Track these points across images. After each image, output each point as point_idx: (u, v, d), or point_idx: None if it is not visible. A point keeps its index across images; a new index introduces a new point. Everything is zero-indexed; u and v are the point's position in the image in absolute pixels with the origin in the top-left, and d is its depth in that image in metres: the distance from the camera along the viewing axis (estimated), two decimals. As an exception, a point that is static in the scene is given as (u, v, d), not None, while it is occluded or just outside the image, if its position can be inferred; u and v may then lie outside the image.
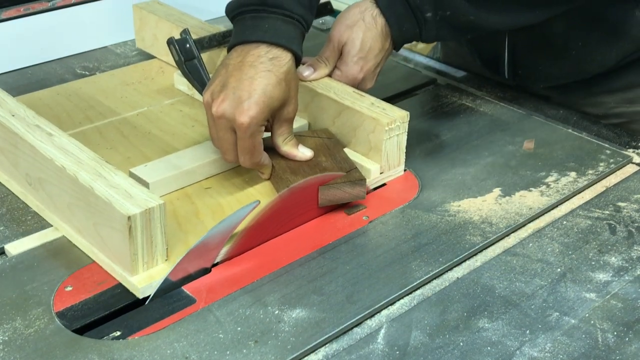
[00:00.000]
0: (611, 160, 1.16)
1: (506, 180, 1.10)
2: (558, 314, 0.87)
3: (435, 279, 0.93)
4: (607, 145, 1.20)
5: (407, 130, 1.09)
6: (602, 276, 0.93)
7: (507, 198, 1.07)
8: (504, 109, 1.30)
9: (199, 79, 1.19)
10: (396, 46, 1.17)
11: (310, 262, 0.94)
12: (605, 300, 0.90)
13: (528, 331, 0.85)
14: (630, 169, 1.15)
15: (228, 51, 1.08)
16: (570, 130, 1.24)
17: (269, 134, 1.06)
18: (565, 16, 1.20)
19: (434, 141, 1.20)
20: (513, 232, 1.01)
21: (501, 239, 1.00)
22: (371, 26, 1.13)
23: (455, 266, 0.95)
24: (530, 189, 1.09)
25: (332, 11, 1.44)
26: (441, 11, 1.13)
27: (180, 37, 1.19)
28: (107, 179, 0.90)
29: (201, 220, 0.99)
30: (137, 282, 0.88)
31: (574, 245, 0.99)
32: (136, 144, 1.16)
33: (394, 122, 1.06)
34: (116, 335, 0.83)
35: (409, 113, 1.08)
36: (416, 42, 1.21)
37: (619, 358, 0.82)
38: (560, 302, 0.89)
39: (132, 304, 0.87)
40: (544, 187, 1.09)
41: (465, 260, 0.96)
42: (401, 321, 0.86)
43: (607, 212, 1.05)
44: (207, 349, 0.81)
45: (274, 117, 1.04)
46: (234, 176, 1.08)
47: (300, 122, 1.15)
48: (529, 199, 1.06)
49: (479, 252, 0.97)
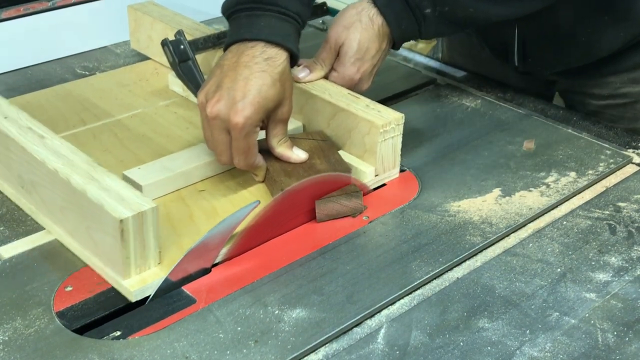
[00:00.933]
0: (611, 160, 1.16)
1: (506, 180, 1.10)
2: (558, 314, 0.87)
3: (435, 279, 0.93)
4: (607, 145, 1.20)
5: (402, 133, 1.08)
6: (602, 276, 0.94)
7: (507, 198, 1.07)
8: (504, 109, 1.30)
9: (193, 81, 1.19)
10: (395, 45, 1.17)
11: (310, 262, 0.94)
12: (605, 300, 0.90)
13: (528, 331, 0.85)
14: (630, 169, 1.15)
15: (224, 51, 1.07)
16: (570, 130, 1.24)
17: (264, 136, 1.06)
18: (573, 3, 1.20)
19: (434, 141, 1.20)
20: (513, 232, 1.01)
21: (501, 239, 1.00)
22: (368, 27, 1.13)
23: (455, 266, 0.95)
24: (530, 189, 1.09)
25: (327, 12, 1.43)
26: (440, 7, 1.12)
27: (174, 38, 1.19)
28: (100, 182, 0.90)
29: (195, 223, 0.99)
30: (130, 285, 0.87)
31: (574, 246, 0.99)
32: (130, 146, 1.15)
33: (389, 124, 1.06)
34: (116, 335, 0.83)
35: (404, 115, 1.07)
36: (416, 42, 1.22)
37: (619, 358, 0.82)
38: (560, 302, 0.89)
39: (132, 304, 0.87)
40: (544, 187, 1.09)
41: (465, 261, 0.96)
42: (401, 321, 0.86)
43: (607, 212, 1.05)
44: (207, 349, 0.81)
45: (269, 117, 1.04)
46: (228, 179, 1.08)
47: (294, 124, 1.15)
48: (529, 199, 1.06)
49: (479, 252, 0.97)
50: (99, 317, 0.86)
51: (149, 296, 0.88)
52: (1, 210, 1.02)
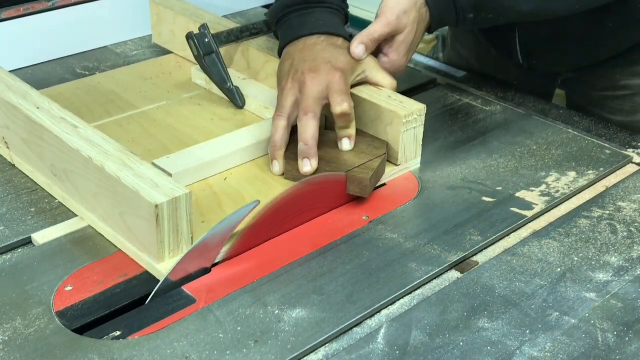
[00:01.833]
0: (611, 160, 1.16)
1: (506, 180, 1.10)
2: (558, 313, 0.87)
3: (435, 279, 0.93)
4: (607, 145, 1.20)
5: (423, 123, 1.10)
6: (602, 276, 0.93)
7: (508, 198, 1.07)
8: (504, 109, 1.30)
9: (217, 73, 1.23)
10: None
11: (310, 262, 0.94)
12: (606, 300, 0.90)
13: (528, 331, 0.85)
14: (630, 169, 1.15)
15: (279, 54, 1.13)
16: (570, 130, 1.24)
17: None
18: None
19: (434, 141, 1.20)
20: (513, 232, 1.01)
21: (501, 238, 1.00)
22: (422, 18, 1.12)
23: (455, 266, 0.95)
24: (531, 189, 1.09)
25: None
26: (484, 14, 1.13)
27: (199, 31, 1.21)
28: (134, 169, 0.92)
29: (223, 210, 1.01)
30: (164, 269, 0.89)
31: (574, 245, 0.99)
32: (157, 136, 1.17)
33: (412, 114, 1.08)
34: (116, 335, 0.83)
35: (425, 106, 1.09)
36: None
37: (619, 358, 0.82)
38: (561, 302, 0.89)
39: (132, 304, 0.87)
40: (544, 187, 1.09)
41: (465, 260, 0.96)
42: (401, 321, 0.86)
43: (607, 212, 1.05)
44: (207, 349, 0.81)
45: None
46: (255, 168, 1.10)
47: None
48: (529, 199, 1.06)
49: (479, 252, 0.97)
50: (99, 317, 0.86)
51: (149, 296, 0.88)
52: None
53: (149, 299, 0.88)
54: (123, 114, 1.23)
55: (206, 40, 1.22)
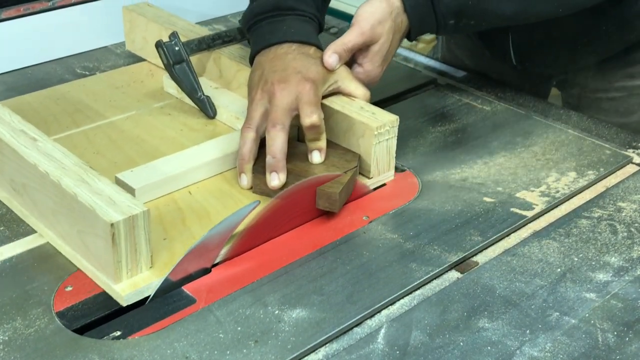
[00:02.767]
0: (611, 160, 1.16)
1: (506, 180, 1.10)
2: (558, 314, 0.87)
3: (435, 279, 0.93)
4: (607, 145, 1.20)
5: (397, 135, 1.08)
6: (602, 276, 0.93)
7: (507, 198, 1.07)
8: (504, 109, 1.30)
9: (187, 82, 1.20)
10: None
11: (310, 262, 0.94)
12: (606, 300, 0.90)
13: (528, 331, 0.85)
14: (630, 169, 1.15)
15: (250, 61, 1.11)
16: (570, 131, 1.24)
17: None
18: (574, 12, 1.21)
19: (434, 141, 1.20)
20: (513, 232, 1.01)
21: (501, 239, 1.00)
22: (398, 28, 1.10)
23: (455, 266, 0.95)
24: (530, 189, 1.09)
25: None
26: (465, 19, 1.11)
27: (168, 40, 1.19)
28: (91, 185, 0.89)
29: (187, 226, 0.98)
30: (121, 289, 0.87)
31: (574, 246, 0.99)
32: (124, 148, 1.14)
33: (384, 126, 1.05)
34: (116, 335, 0.83)
35: (398, 117, 1.07)
36: (416, 42, 1.22)
37: (619, 358, 0.82)
38: (560, 302, 0.89)
39: (132, 304, 0.87)
40: (544, 187, 1.09)
41: (465, 261, 0.96)
42: (401, 321, 0.86)
43: (607, 212, 1.05)
44: (207, 349, 0.81)
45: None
46: (222, 181, 1.07)
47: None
48: (529, 199, 1.06)
49: (479, 252, 0.97)
50: (99, 317, 0.85)
51: (149, 296, 0.88)
52: (1, 210, 1.02)
53: (149, 299, 0.88)
54: (91, 124, 1.20)
55: (176, 48, 1.18)
